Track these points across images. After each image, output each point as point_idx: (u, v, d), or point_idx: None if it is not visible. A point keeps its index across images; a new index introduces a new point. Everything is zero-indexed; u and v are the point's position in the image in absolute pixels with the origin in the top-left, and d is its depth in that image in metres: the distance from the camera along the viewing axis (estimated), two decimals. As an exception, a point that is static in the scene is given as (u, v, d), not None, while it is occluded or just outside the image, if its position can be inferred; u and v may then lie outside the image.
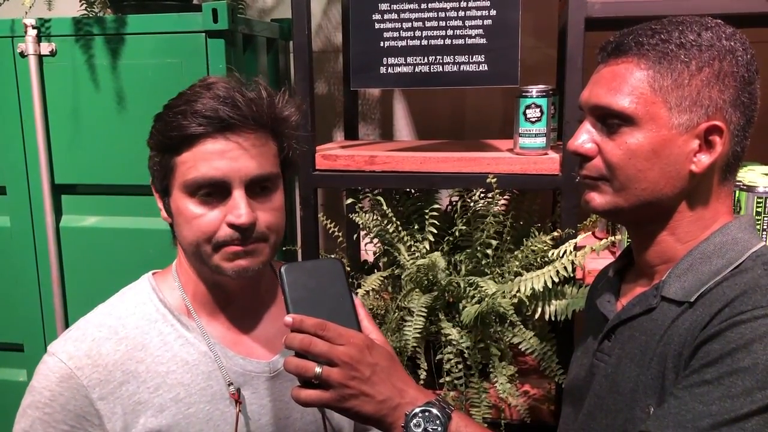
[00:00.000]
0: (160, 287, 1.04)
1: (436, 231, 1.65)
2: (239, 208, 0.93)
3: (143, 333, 1.00)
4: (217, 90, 0.94)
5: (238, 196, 0.94)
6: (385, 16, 1.62)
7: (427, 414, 0.81)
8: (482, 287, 1.55)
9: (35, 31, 1.71)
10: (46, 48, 1.73)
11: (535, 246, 1.58)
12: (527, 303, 1.55)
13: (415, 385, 0.85)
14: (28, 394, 0.98)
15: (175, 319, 1.02)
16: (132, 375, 0.97)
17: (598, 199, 0.93)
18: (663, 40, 0.86)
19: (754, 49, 0.88)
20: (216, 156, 0.93)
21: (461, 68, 1.61)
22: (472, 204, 1.68)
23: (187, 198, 0.95)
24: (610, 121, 0.89)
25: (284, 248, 1.98)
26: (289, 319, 0.83)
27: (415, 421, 0.80)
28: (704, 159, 0.86)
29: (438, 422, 0.80)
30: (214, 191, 0.94)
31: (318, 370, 0.80)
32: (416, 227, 1.69)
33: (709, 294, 0.84)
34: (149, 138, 1.00)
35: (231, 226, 0.94)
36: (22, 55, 1.73)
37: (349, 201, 1.76)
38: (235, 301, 1.05)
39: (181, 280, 1.04)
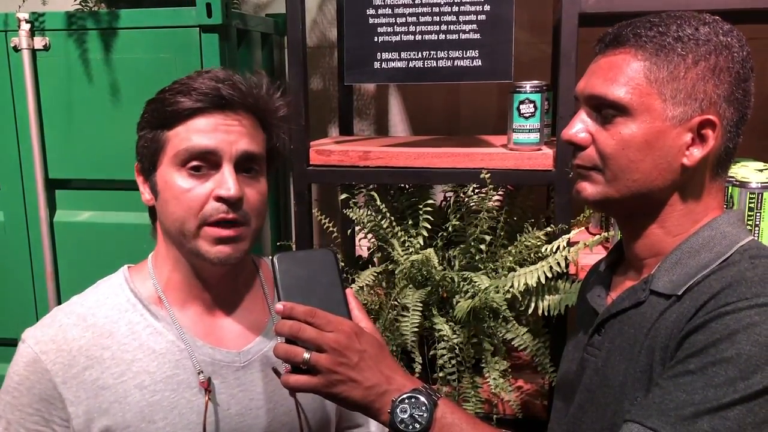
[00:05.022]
0: (134, 278, 1.05)
1: (430, 226, 1.65)
2: (228, 182, 0.94)
3: (112, 322, 1.00)
4: (216, 73, 0.98)
5: (227, 171, 0.95)
6: (379, 11, 1.62)
7: (413, 400, 0.81)
8: (476, 282, 1.55)
9: (29, 26, 1.71)
10: (39, 42, 1.73)
11: (529, 241, 1.58)
12: (520, 298, 1.56)
13: (403, 372, 0.86)
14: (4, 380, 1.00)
15: (145, 309, 1.02)
16: (96, 360, 0.97)
17: (589, 189, 0.93)
18: (661, 32, 0.87)
19: (751, 47, 0.89)
20: (209, 129, 0.95)
21: (455, 63, 1.61)
22: (466, 199, 1.68)
23: (176, 171, 0.96)
24: (605, 111, 0.89)
25: (278, 243, 1.98)
26: (279, 306, 0.84)
27: (401, 407, 0.81)
28: (696, 153, 0.87)
29: (424, 408, 0.81)
30: (203, 164, 0.95)
31: (306, 355, 0.81)
32: (410, 223, 1.69)
33: (696, 287, 0.85)
34: (140, 120, 1.01)
35: (219, 199, 0.94)
36: (16, 49, 1.73)
37: (344, 196, 1.76)
38: (211, 290, 1.04)
39: (156, 270, 1.04)
